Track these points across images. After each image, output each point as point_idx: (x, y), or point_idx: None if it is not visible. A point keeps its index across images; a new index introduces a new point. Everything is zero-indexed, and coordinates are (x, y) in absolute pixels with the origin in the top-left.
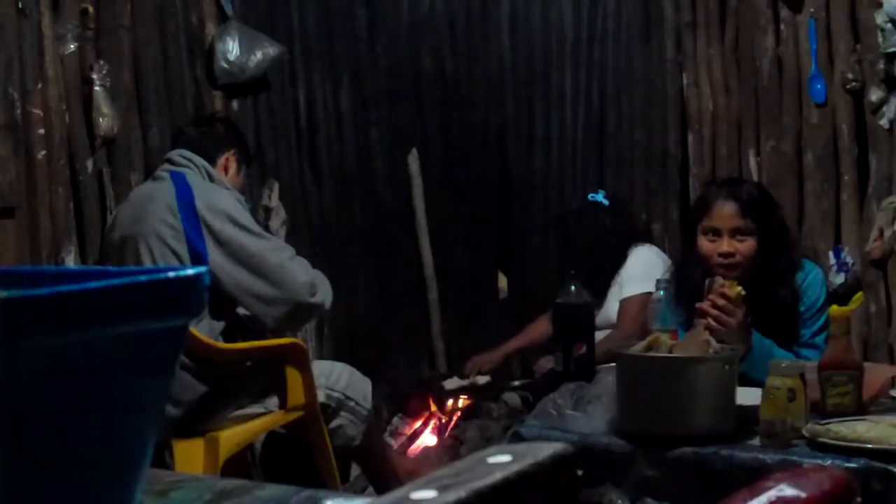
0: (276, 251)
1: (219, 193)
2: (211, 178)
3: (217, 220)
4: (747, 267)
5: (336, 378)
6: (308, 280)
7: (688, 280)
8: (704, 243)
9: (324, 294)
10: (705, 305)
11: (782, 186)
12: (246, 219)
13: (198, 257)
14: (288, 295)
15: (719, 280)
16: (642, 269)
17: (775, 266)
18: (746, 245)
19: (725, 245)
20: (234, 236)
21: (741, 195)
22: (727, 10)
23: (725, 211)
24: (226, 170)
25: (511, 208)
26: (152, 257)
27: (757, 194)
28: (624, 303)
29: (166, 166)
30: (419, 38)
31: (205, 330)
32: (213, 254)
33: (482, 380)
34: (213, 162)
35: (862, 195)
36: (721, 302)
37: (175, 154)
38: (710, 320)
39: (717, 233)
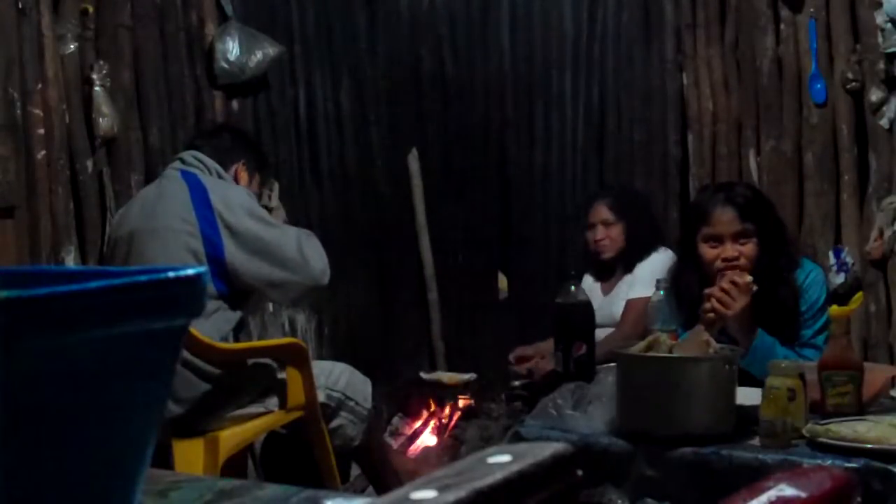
0: (292, 240)
1: (232, 189)
2: (221, 178)
3: (233, 214)
4: (750, 269)
5: (336, 378)
6: (324, 266)
7: (686, 288)
8: (706, 250)
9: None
10: (714, 290)
11: (782, 186)
12: (259, 210)
13: (215, 252)
14: (306, 281)
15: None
16: (654, 273)
17: (776, 266)
18: (748, 248)
19: (729, 250)
20: (250, 228)
21: (737, 199)
22: (727, 10)
23: (725, 217)
24: (237, 180)
25: (511, 208)
26: (165, 253)
27: (751, 195)
28: (630, 303)
29: (177, 164)
30: (419, 38)
31: (217, 323)
32: (230, 247)
33: (465, 377)
34: (224, 171)
35: (862, 195)
36: (727, 286)
37: (187, 154)
38: (714, 302)
39: (718, 239)
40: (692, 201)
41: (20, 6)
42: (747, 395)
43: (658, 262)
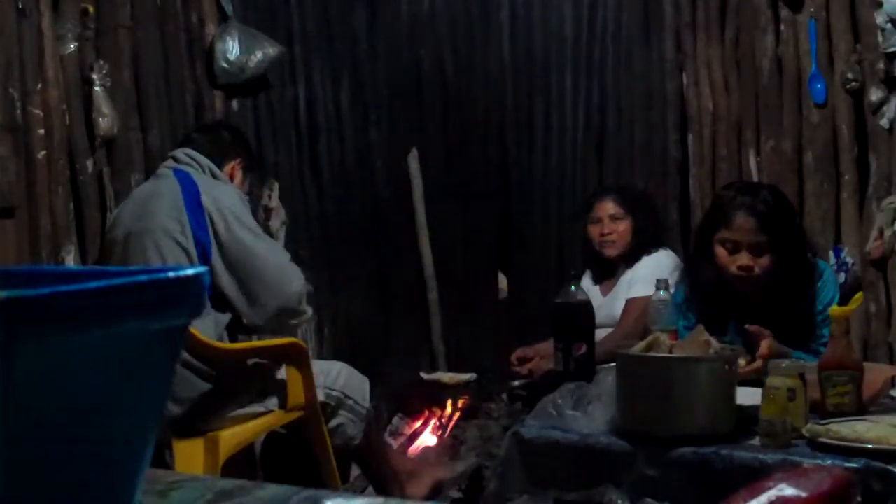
0: (277, 254)
1: (224, 190)
2: (214, 177)
3: (221, 217)
4: (765, 278)
5: (335, 377)
6: (300, 289)
7: (701, 284)
8: (721, 252)
9: (308, 303)
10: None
11: (782, 186)
12: (249, 219)
13: (204, 252)
14: (278, 299)
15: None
16: (654, 272)
17: (793, 277)
18: (764, 260)
19: (745, 259)
20: (237, 234)
21: (760, 208)
22: (727, 10)
23: (746, 226)
24: (231, 177)
25: (511, 208)
26: (159, 253)
27: (773, 202)
28: (630, 301)
29: (170, 163)
30: (419, 38)
31: (210, 324)
32: (214, 250)
33: (465, 377)
34: (219, 168)
35: (862, 195)
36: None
37: (180, 152)
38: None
39: (735, 244)
40: (715, 194)
41: (20, 6)
42: (747, 395)
43: (659, 262)
